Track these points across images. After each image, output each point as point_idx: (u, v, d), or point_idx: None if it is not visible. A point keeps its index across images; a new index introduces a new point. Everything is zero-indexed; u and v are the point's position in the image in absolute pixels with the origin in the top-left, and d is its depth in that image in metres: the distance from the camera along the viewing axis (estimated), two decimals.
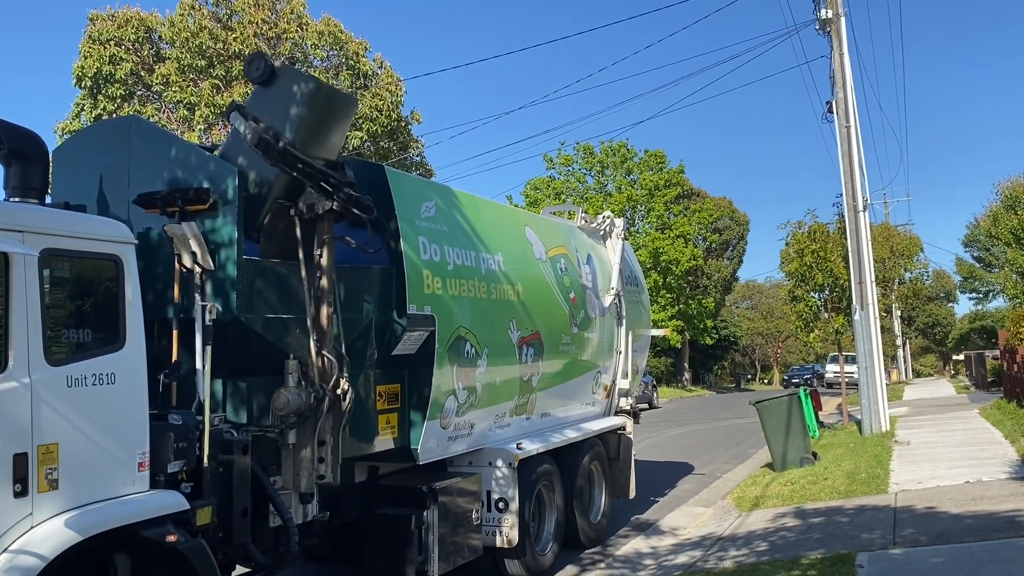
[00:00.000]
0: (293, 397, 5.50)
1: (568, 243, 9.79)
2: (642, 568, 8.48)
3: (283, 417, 5.54)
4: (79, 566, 4.30)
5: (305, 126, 5.60)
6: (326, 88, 5.93)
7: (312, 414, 5.62)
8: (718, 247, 53.10)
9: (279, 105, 5.60)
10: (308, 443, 5.68)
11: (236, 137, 5.64)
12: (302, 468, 5.69)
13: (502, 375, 7.93)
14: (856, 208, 18.21)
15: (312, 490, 5.72)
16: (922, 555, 7.31)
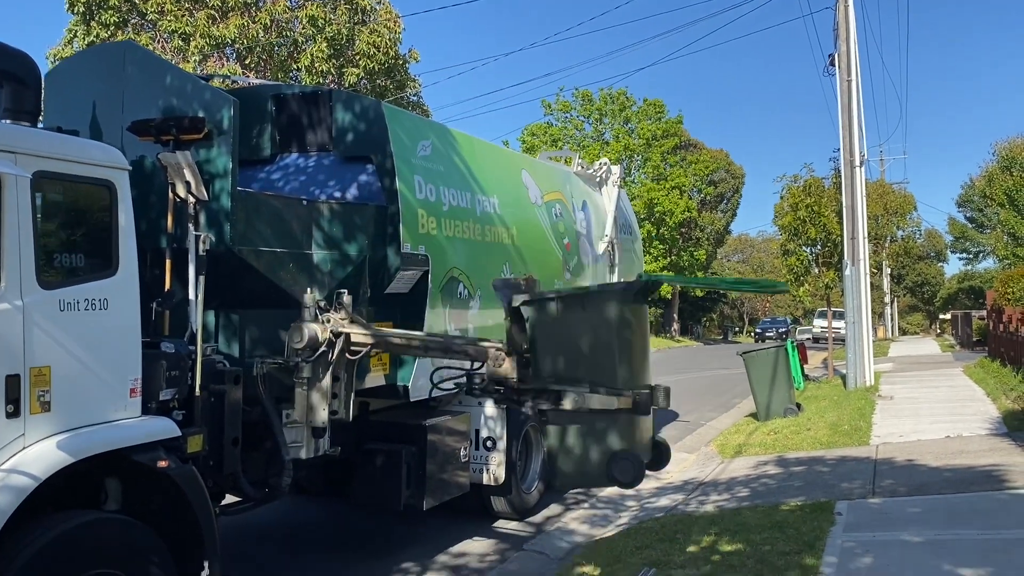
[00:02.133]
0: (309, 331, 5.51)
1: (564, 189, 9.75)
2: (624, 509, 8.63)
3: (299, 351, 5.55)
4: (71, 490, 4.36)
5: None
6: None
7: (328, 348, 5.63)
8: (712, 200, 53.02)
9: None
10: (322, 377, 5.69)
11: None
12: (316, 403, 5.71)
13: (494, 318, 7.93)
14: (853, 163, 18.18)
15: (325, 424, 5.75)
16: (900, 505, 7.46)
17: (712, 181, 52.33)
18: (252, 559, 7.06)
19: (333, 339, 5.56)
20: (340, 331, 5.57)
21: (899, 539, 6.40)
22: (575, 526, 8.10)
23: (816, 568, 5.77)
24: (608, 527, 7.93)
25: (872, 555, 6.02)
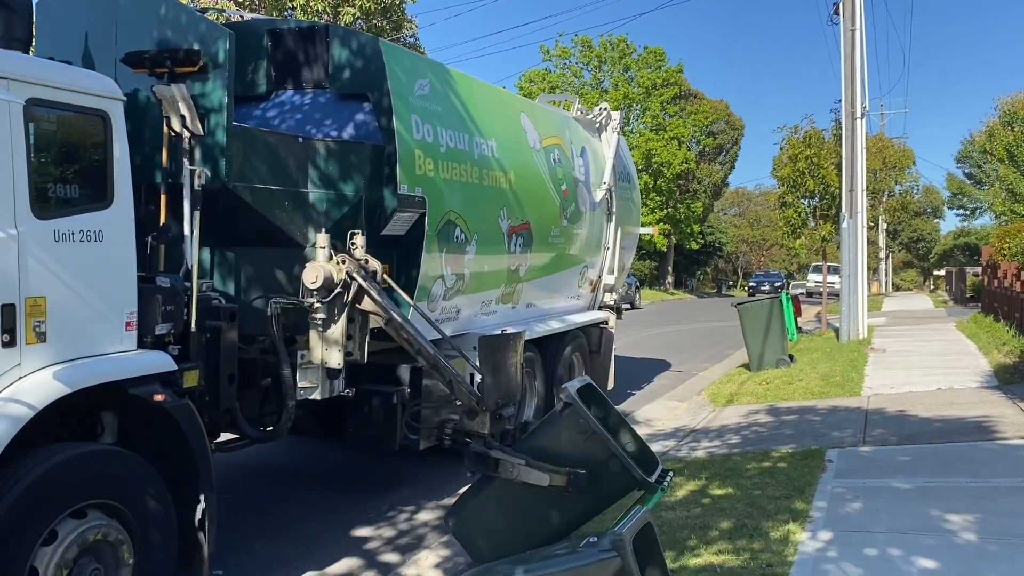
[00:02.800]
0: (325, 271, 5.46)
1: (563, 134, 9.66)
2: None
3: (314, 292, 5.51)
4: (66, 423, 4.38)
5: None
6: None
7: (344, 289, 5.58)
8: (711, 151, 52.68)
9: None
10: (337, 319, 5.65)
11: None
12: (331, 344, 5.68)
13: (490, 263, 7.93)
14: (854, 115, 18.05)
15: (340, 365, 5.73)
16: (890, 453, 7.56)
17: (711, 132, 51.93)
18: (247, 497, 7.14)
19: (348, 280, 5.52)
20: (355, 275, 5.52)
21: (888, 486, 6.49)
22: None
23: (806, 512, 5.85)
24: None
25: (861, 501, 6.10)
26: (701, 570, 4.92)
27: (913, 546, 5.07)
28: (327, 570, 5.65)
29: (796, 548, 5.15)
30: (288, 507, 6.91)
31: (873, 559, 4.93)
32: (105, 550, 4.11)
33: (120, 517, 4.21)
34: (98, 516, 4.10)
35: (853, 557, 4.96)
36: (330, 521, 6.60)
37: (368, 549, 6.08)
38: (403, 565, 5.70)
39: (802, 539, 5.31)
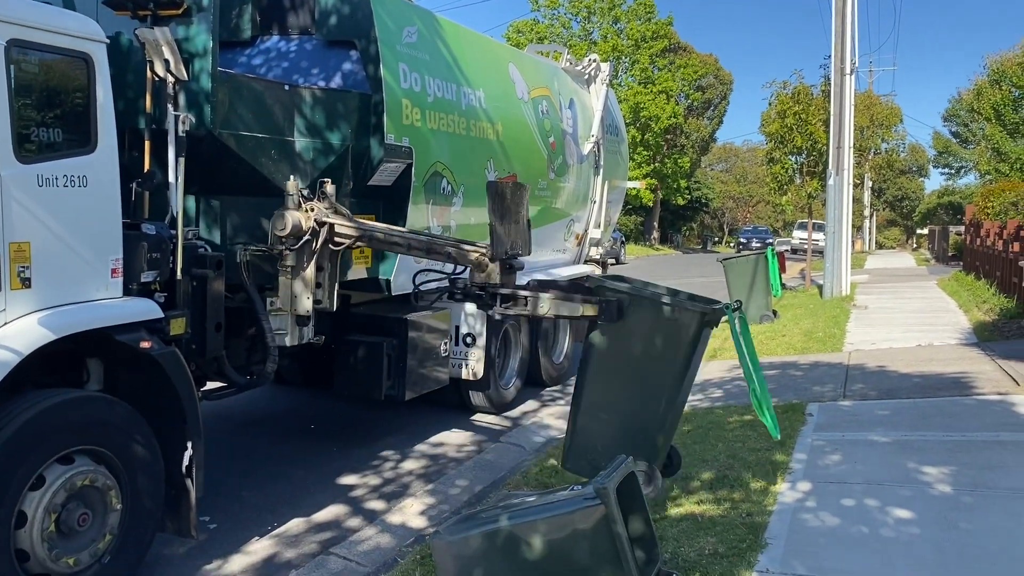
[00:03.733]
0: (293, 218, 5.44)
1: (551, 85, 9.58)
2: None
3: (282, 239, 5.50)
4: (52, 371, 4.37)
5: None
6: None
7: (312, 237, 5.57)
8: (699, 106, 52.44)
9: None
10: (306, 266, 5.65)
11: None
12: (299, 291, 5.69)
13: (476, 215, 7.89)
14: (843, 70, 17.98)
15: (309, 312, 5.74)
16: (870, 407, 7.68)
17: (700, 87, 51.66)
18: (235, 445, 7.18)
19: (317, 228, 5.50)
20: (324, 220, 5.51)
21: (867, 439, 6.59)
22: (551, 421, 8.26)
23: (786, 464, 5.94)
24: None
25: (840, 453, 6.20)
26: (683, 519, 4.99)
27: (889, 497, 5.17)
28: (313, 517, 5.71)
29: (776, 499, 5.23)
30: (275, 455, 6.96)
31: (850, 509, 5.02)
32: (93, 495, 4.14)
33: (107, 463, 4.23)
34: (86, 462, 4.12)
35: (831, 507, 5.05)
36: (317, 469, 6.66)
37: (354, 496, 6.13)
38: (389, 512, 5.76)
39: (782, 490, 5.39)
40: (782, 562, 4.30)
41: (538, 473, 6.22)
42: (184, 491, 4.67)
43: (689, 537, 4.65)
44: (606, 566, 3.59)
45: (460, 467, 6.80)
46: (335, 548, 5.13)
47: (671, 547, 4.50)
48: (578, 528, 3.60)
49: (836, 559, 4.33)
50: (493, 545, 3.74)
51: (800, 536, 4.65)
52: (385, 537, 5.29)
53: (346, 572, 4.82)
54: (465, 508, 5.59)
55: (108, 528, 4.23)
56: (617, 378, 5.05)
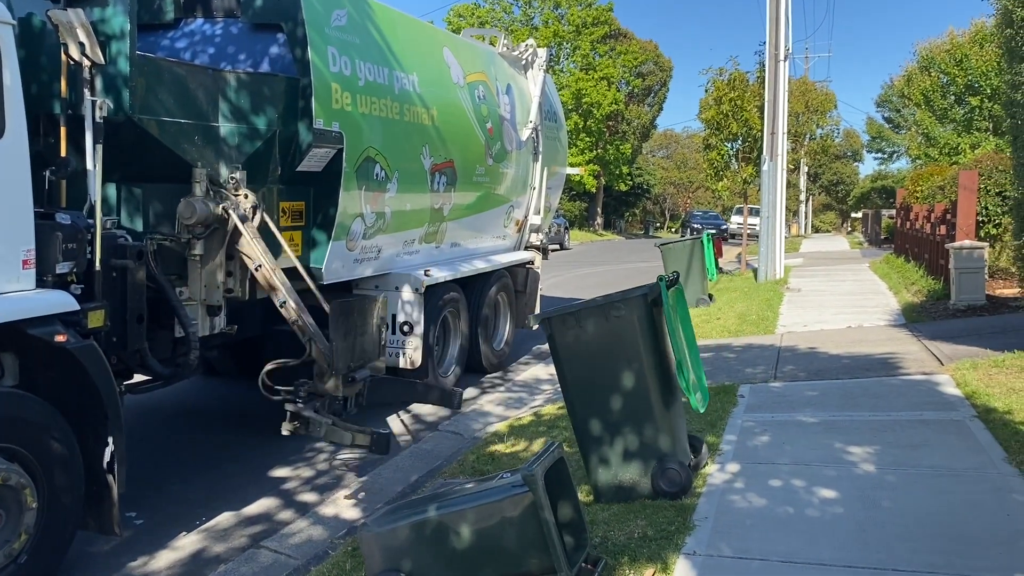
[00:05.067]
0: (200, 207, 5.30)
1: (488, 70, 9.51)
2: (539, 392, 8.81)
3: (190, 227, 5.36)
4: None
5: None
6: None
7: (221, 226, 5.45)
8: (640, 92, 52.69)
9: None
10: (216, 255, 5.53)
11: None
12: (210, 280, 5.57)
13: (412, 202, 7.83)
14: (777, 57, 18.22)
15: (220, 303, 5.63)
16: (799, 388, 7.81)
17: (640, 73, 51.88)
18: (164, 438, 7.03)
19: (225, 216, 5.38)
20: (231, 210, 5.40)
21: (796, 419, 6.70)
22: (491, 408, 8.23)
23: (716, 445, 6.00)
24: (523, 409, 8.07)
25: (769, 434, 6.30)
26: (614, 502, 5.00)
27: (815, 477, 5.25)
28: (244, 510, 5.62)
29: (705, 480, 5.27)
30: (205, 448, 6.82)
31: (777, 489, 5.09)
32: (6, 495, 3.99)
33: (21, 461, 4.08)
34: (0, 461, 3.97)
35: (758, 488, 5.11)
36: (248, 462, 6.54)
37: (286, 489, 6.05)
38: (321, 504, 5.69)
39: (711, 471, 5.43)
40: (709, 544, 4.33)
41: (475, 461, 6.21)
42: (106, 487, 4.53)
43: (620, 520, 4.64)
44: (534, 553, 3.59)
45: (395, 457, 6.68)
46: (265, 541, 5.04)
47: (602, 531, 4.50)
48: (506, 516, 3.60)
49: (762, 540, 4.37)
50: (421, 535, 3.72)
51: (727, 518, 4.68)
52: (317, 529, 5.23)
53: (276, 565, 4.73)
54: (399, 498, 5.52)
55: (24, 527, 4.08)
56: (601, 392, 4.96)
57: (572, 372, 5.02)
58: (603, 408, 4.96)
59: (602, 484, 5.03)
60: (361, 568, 4.22)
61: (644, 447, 4.92)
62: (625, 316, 4.85)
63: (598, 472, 5.03)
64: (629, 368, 4.86)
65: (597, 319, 4.91)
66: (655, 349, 4.91)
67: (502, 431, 7.04)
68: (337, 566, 4.47)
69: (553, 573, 3.61)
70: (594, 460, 5.04)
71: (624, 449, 4.95)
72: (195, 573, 4.74)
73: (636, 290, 4.95)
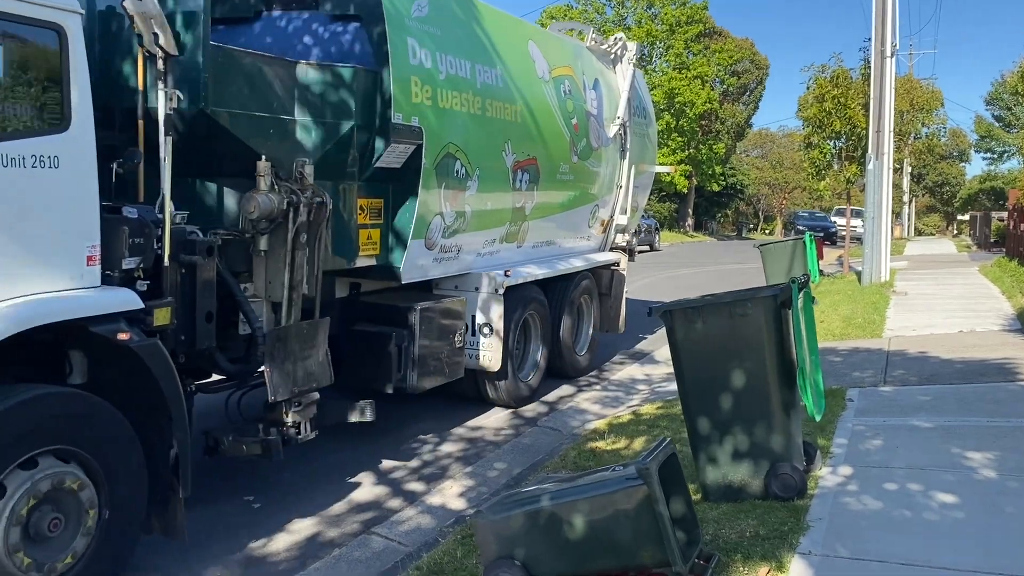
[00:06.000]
0: (264, 201, 5.13)
1: (575, 64, 9.18)
2: (635, 392, 8.76)
3: (254, 222, 5.21)
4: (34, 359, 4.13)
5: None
6: None
7: (285, 221, 5.28)
8: (735, 91, 51.49)
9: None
10: (281, 251, 5.36)
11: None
12: (274, 276, 5.41)
13: (493, 200, 7.57)
14: (884, 52, 17.38)
15: (283, 300, 5.45)
16: (911, 393, 7.48)
17: (735, 72, 50.70)
18: None
19: (290, 210, 5.20)
20: (299, 202, 5.22)
21: (909, 424, 6.44)
22: (587, 406, 8.19)
23: (827, 448, 5.82)
24: (620, 408, 8.03)
25: (882, 438, 6.08)
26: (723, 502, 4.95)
27: (933, 481, 5.06)
28: (354, 497, 5.78)
29: (817, 482, 5.15)
30: (316, 437, 6.74)
31: (893, 493, 4.93)
32: (64, 498, 3.88)
33: (80, 462, 3.96)
34: (52, 463, 3.84)
35: (873, 491, 4.98)
36: (356, 450, 6.67)
37: (394, 478, 6.18)
38: (428, 494, 5.82)
39: (823, 474, 5.31)
40: (824, 544, 4.25)
41: (576, 457, 6.23)
42: (171, 490, 4.41)
43: (730, 519, 4.61)
44: (648, 546, 3.61)
45: (498, 450, 6.83)
46: (376, 528, 5.21)
47: (712, 529, 4.47)
48: (620, 508, 3.63)
49: (880, 542, 4.25)
50: (535, 524, 3.77)
51: (842, 519, 4.58)
52: (426, 518, 5.37)
53: (388, 551, 4.87)
54: (503, 490, 5.60)
55: (83, 531, 3.97)
56: (718, 390, 4.91)
57: (689, 367, 4.98)
58: (718, 406, 4.91)
59: (711, 483, 5.01)
60: (472, 555, 4.39)
61: (757, 448, 4.87)
62: (751, 315, 4.78)
63: (707, 470, 5.01)
64: (751, 368, 4.80)
65: (721, 316, 4.85)
66: (779, 351, 4.84)
67: (601, 428, 7.06)
68: (448, 553, 4.55)
69: (666, 566, 3.63)
70: (704, 458, 5.02)
71: (736, 449, 4.91)
72: (311, 555, 4.88)
73: (765, 289, 4.90)
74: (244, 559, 4.84)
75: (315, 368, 5.57)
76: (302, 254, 5.42)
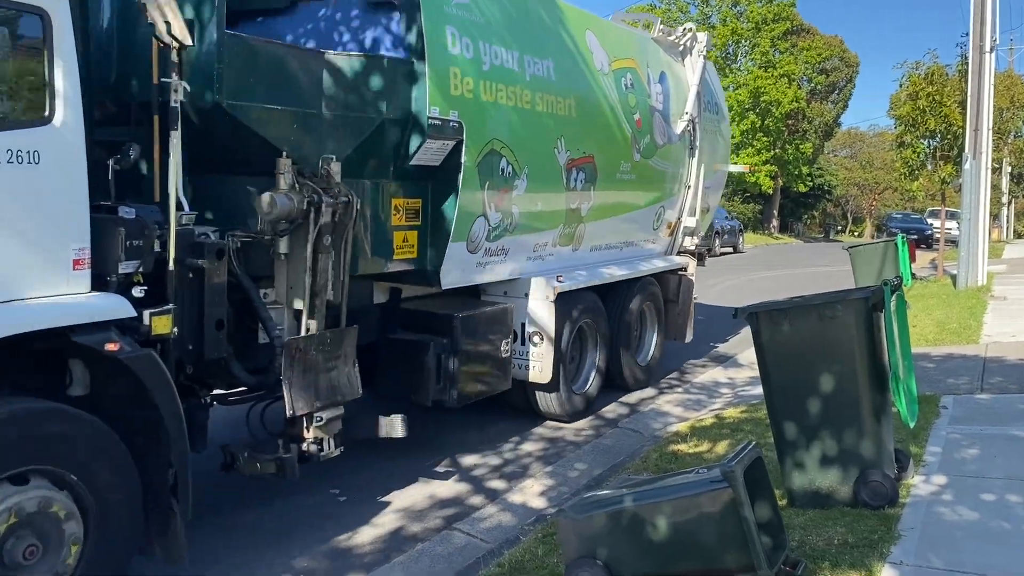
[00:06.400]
0: (281, 200, 4.76)
1: (638, 56, 8.63)
2: (718, 395, 8.57)
3: (272, 223, 4.84)
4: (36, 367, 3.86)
5: None
6: None
7: (305, 222, 4.91)
8: (823, 89, 49.76)
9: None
10: (302, 255, 4.99)
11: None
12: (295, 282, 5.05)
13: (545, 200, 7.09)
14: (983, 48, 16.29)
15: (306, 307, 5.08)
16: (1010, 401, 7.07)
17: (824, 70, 49.04)
18: None
19: (311, 210, 4.81)
20: (322, 206, 4.82)
21: (1008, 433, 6.09)
22: (669, 408, 8.09)
23: (919, 456, 5.64)
24: (702, 411, 7.90)
25: (978, 447, 5.76)
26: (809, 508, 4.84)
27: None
28: (436, 492, 5.82)
29: (909, 491, 4.99)
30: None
31: (990, 504, 4.76)
32: (44, 523, 3.56)
33: (64, 484, 3.65)
34: (42, 484, 3.55)
35: (968, 501, 4.81)
36: (437, 447, 6.70)
37: (475, 475, 6.22)
38: (509, 492, 5.83)
39: (915, 483, 5.14)
40: (917, 554, 4.12)
41: (658, 459, 6.18)
42: (173, 512, 4.08)
43: (817, 526, 4.51)
44: (732, 550, 3.57)
45: (578, 451, 6.80)
46: (458, 524, 5.24)
47: (798, 535, 4.38)
48: (704, 511, 3.61)
49: (976, 553, 4.11)
50: (618, 525, 3.78)
51: (936, 529, 4.45)
52: (506, 515, 5.38)
53: (470, 547, 4.89)
54: (584, 491, 5.56)
55: (65, 558, 3.64)
56: (806, 393, 4.82)
57: (776, 370, 4.89)
58: (806, 410, 4.82)
59: (797, 488, 4.92)
60: (553, 554, 4.41)
61: (846, 454, 4.77)
62: (842, 318, 4.68)
63: (794, 475, 4.92)
64: (841, 372, 4.71)
65: (810, 318, 4.77)
66: (870, 355, 4.75)
67: (683, 431, 6.96)
68: (529, 551, 4.57)
69: (751, 571, 3.57)
70: (790, 462, 4.93)
71: (824, 454, 4.82)
72: (394, 548, 4.95)
73: (856, 292, 4.81)
74: (330, 551, 4.93)
75: (340, 381, 5.18)
76: (326, 258, 5.04)
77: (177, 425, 4.01)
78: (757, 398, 7.66)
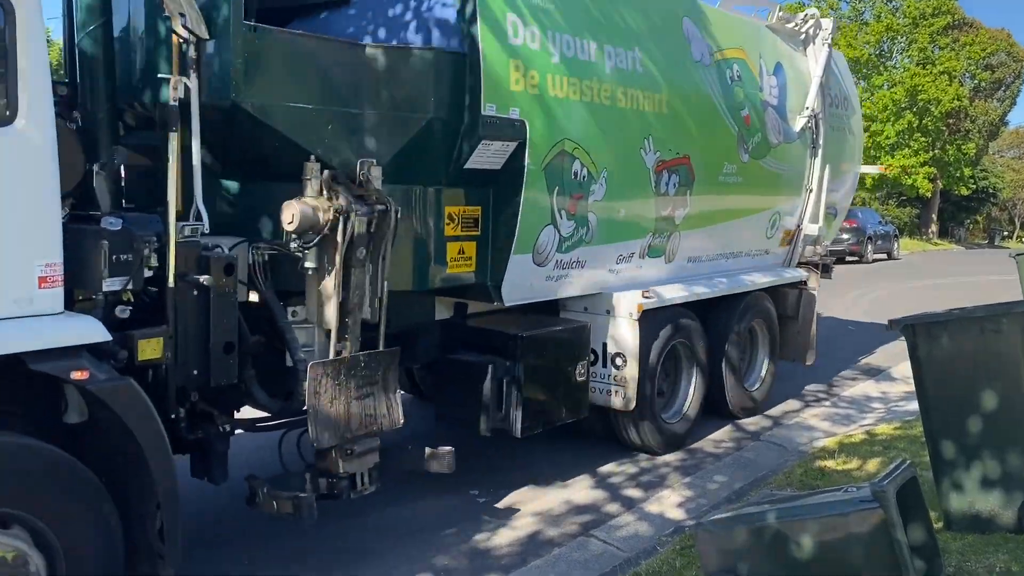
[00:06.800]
0: (305, 210, 4.28)
1: (749, 45, 7.74)
2: (869, 410, 8.23)
3: (297, 235, 4.36)
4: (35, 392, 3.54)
5: None
6: None
7: (333, 233, 4.40)
8: (988, 87, 46.13)
9: None
10: (331, 269, 4.49)
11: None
12: (325, 299, 4.54)
13: (628, 207, 6.35)
14: None
15: (335, 326, 4.57)
16: None
17: (989, 65, 45.49)
18: None
19: (340, 220, 4.27)
20: (351, 214, 4.28)
21: None
22: (815, 423, 7.78)
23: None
24: (851, 426, 7.58)
25: None
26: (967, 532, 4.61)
27: None
28: (573, 498, 5.85)
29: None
30: (535, 436, 6.09)
31: None
32: None
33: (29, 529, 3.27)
34: None
35: None
36: (576, 453, 6.68)
37: (612, 483, 6.20)
38: (646, 501, 5.79)
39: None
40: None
41: (803, 475, 6.01)
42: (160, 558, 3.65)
43: (976, 552, 4.32)
44: (881, 573, 3.46)
45: (718, 463, 6.69)
46: (595, 531, 5.25)
47: (955, 560, 4.22)
48: (852, 531, 3.49)
49: None
50: (760, 541, 3.69)
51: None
52: (643, 525, 5.36)
53: (606, 555, 4.90)
54: (724, 503, 5.57)
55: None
56: (966, 411, 4.60)
57: (933, 386, 4.70)
58: (966, 428, 4.61)
59: (955, 511, 4.70)
60: (691, 567, 4.37)
61: (1011, 477, 4.53)
62: (1006, 332, 4.48)
63: (951, 497, 4.70)
64: (1004, 389, 4.50)
65: (971, 332, 4.57)
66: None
67: (831, 447, 6.72)
68: (667, 563, 4.55)
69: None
70: (947, 483, 4.71)
71: (985, 476, 4.59)
72: (532, 552, 5.00)
73: (1022, 304, 4.65)
74: (469, 550, 5.02)
75: (377, 410, 4.64)
76: (360, 272, 4.51)
77: (162, 461, 3.57)
78: (912, 414, 7.37)
